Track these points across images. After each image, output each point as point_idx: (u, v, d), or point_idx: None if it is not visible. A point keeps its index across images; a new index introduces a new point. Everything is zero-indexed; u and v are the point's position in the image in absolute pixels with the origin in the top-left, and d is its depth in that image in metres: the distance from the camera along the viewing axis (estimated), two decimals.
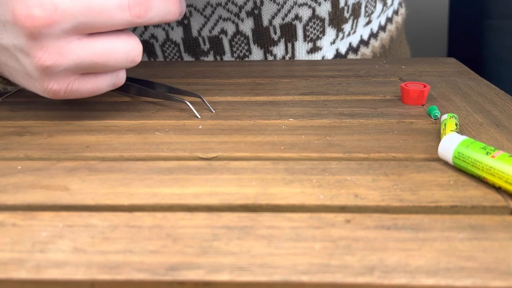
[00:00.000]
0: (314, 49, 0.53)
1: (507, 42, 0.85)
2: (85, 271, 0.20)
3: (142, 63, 0.53)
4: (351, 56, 0.56)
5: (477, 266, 0.20)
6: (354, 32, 0.56)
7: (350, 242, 0.22)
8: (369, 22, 0.57)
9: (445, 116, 0.33)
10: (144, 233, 0.22)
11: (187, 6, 0.51)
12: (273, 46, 0.53)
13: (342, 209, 0.24)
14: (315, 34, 0.52)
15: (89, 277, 0.20)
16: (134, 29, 0.54)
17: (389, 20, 0.60)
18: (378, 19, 0.58)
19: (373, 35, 0.58)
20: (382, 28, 0.59)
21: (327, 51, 0.54)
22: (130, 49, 0.32)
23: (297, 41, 0.53)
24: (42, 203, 0.25)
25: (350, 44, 0.56)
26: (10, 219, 0.24)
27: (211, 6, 0.51)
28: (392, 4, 0.60)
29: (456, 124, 0.31)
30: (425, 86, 0.38)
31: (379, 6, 0.57)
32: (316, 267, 0.20)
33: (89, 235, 0.22)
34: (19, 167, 0.28)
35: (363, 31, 0.57)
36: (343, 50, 0.55)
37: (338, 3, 0.52)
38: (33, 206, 0.25)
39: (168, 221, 0.23)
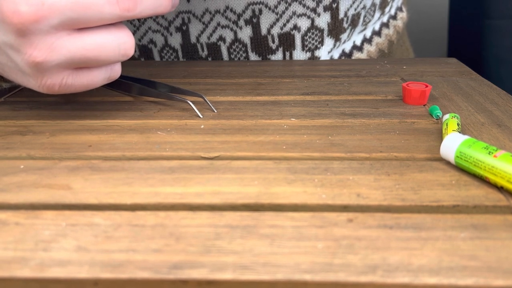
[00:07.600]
0: (312, 58, 0.53)
1: (507, 42, 0.85)
2: (88, 270, 0.20)
3: (143, 63, 0.54)
4: None
5: (479, 265, 0.20)
6: (349, 39, 0.56)
7: (352, 241, 0.22)
8: (363, 30, 0.57)
9: (446, 116, 0.33)
10: (147, 232, 0.22)
11: (186, 12, 0.51)
12: (271, 54, 0.53)
13: (345, 208, 0.24)
14: (313, 44, 0.52)
15: (92, 275, 0.20)
16: (133, 33, 0.54)
17: (384, 25, 0.59)
18: (372, 26, 0.58)
19: (366, 40, 0.57)
20: (376, 33, 0.58)
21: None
22: (121, 43, 0.31)
23: (295, 50, 0.52)
24: (45, 202, 0.25)
25: (343, 50, 0.55)
26: (13, 218, 0.24)
27: (210, 13, 0.51)
28: (389, 11, 0.60)
29: (458, 124, 0.31)
30: (426, 86, 0.38)
31: (377, 15, 0.57)
32: (319, 266, 0.20)
33: (92, 234, 0.22)
34: (22, 166, 0.29)
35: (356, 38, 0.56)
36: (336, 56, 0.55)
37: (338, 14, 0.52)
38: (36, 205, 0.25)
39: (171, 220, 0.23)
